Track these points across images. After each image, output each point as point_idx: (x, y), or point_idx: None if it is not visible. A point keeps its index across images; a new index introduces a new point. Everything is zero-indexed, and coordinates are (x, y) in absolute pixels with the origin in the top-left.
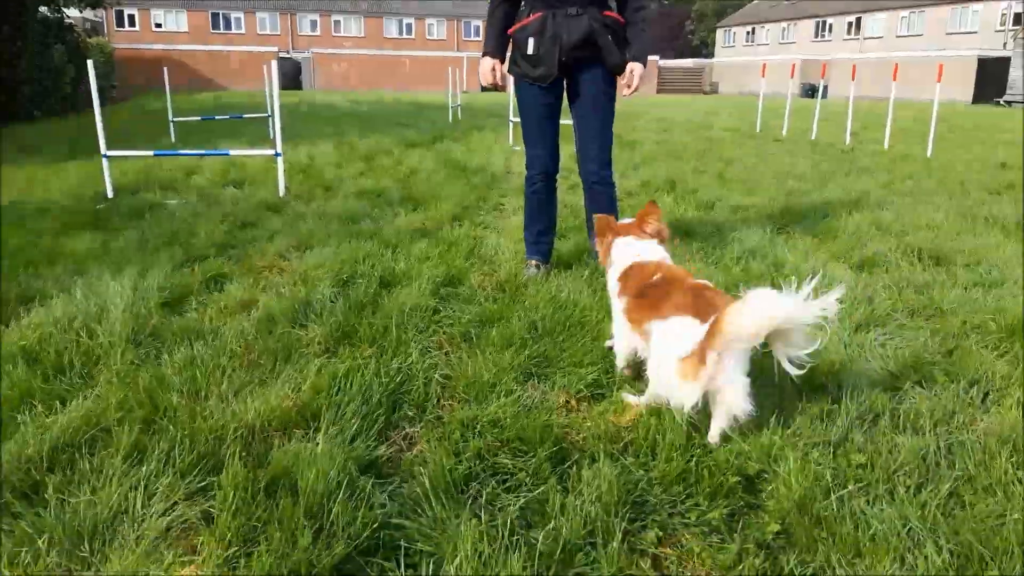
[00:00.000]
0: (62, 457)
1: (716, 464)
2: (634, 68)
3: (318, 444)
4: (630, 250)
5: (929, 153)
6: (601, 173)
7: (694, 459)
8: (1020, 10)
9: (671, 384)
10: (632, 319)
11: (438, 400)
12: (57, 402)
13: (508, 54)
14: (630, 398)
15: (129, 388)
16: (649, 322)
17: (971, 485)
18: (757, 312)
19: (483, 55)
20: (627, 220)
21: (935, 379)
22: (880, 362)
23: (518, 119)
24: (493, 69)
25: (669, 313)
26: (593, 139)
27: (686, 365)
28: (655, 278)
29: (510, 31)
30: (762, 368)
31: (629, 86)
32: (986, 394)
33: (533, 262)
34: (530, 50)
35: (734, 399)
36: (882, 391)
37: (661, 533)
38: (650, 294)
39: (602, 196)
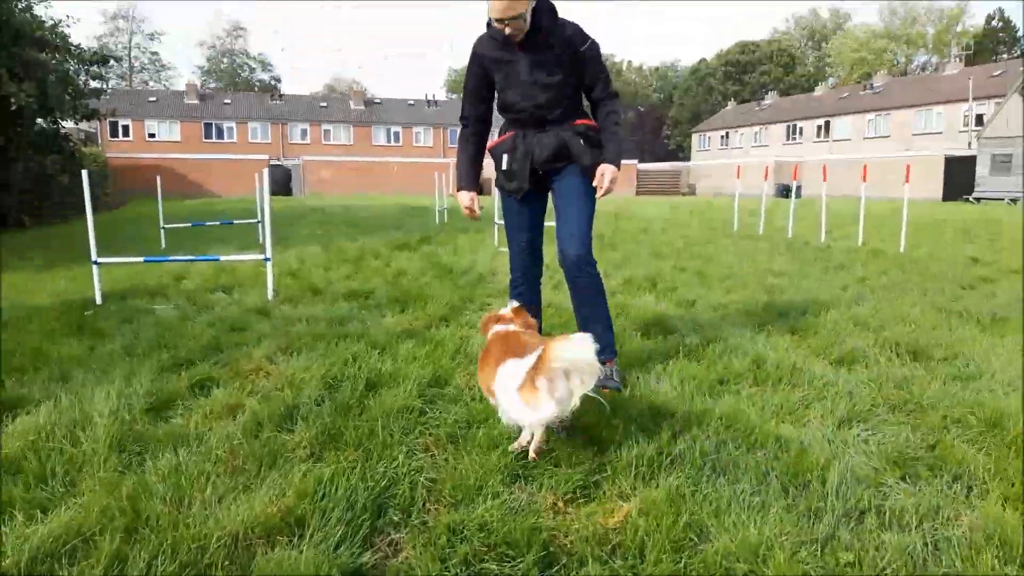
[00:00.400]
0: (41, 568)
1: (705, 566)
2: (604, 170)
3: (302, 552)
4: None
5: (902, 249)
6: (579, 259)
7: (683, 561)
8: (981, 111)
9: (521, 410)
10: (484, 378)
11: (424, 504)
12: (38, 511)
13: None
14: (513, 446)
15: (112, 496)
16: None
17: None
18: (568, 346)
19: (458, 190)
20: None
21: (919, 474)
22: (864, 458)
23: (503, 221)
24: (472, 200)
25: (501, 360)
26: (570, 230)
27: (525, 392)
28: (496, 337)
29: (489, 146)
30: (746, 467)
31: (600, 187)
32: (970, 488)
33: None
34: (504, 166)
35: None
36: (867, 487)
37: None
38: (492, 352)
39: (584, 286)
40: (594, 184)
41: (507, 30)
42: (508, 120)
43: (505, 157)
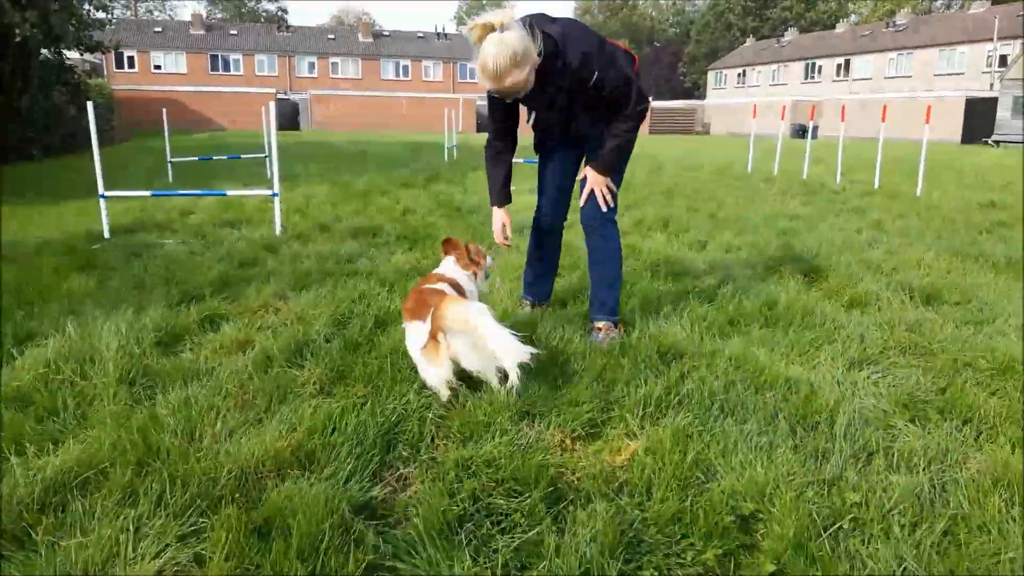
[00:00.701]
0: (54, 499)
1: (711, 504)
2: (586, 171)
3: (312, 485)
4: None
5: (919, 192)
6: (598, 217)
7: (689, 499)
8: (1005, 52)
9: (423, 369)
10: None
11: (433, 440)
12: (50, 444)
13: None
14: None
15: (122, 429)
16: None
17: (966, 524)
18: (454, 310)
19: (492, 205)
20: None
21: (928, 417)
22: (873, 400)
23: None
24: (505, 222)
25: (410, 320)
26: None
27: (427, 351)
28: (410, 296)
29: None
30: (754, 408)
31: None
32: (979, 432)
33: (527, 302)
34: (532, 121)
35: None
36: (876, 429)
37: (657, 574)
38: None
39: (595, 246)
40: (578, 178)
41: (507, 99)
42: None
43: (534, 114)
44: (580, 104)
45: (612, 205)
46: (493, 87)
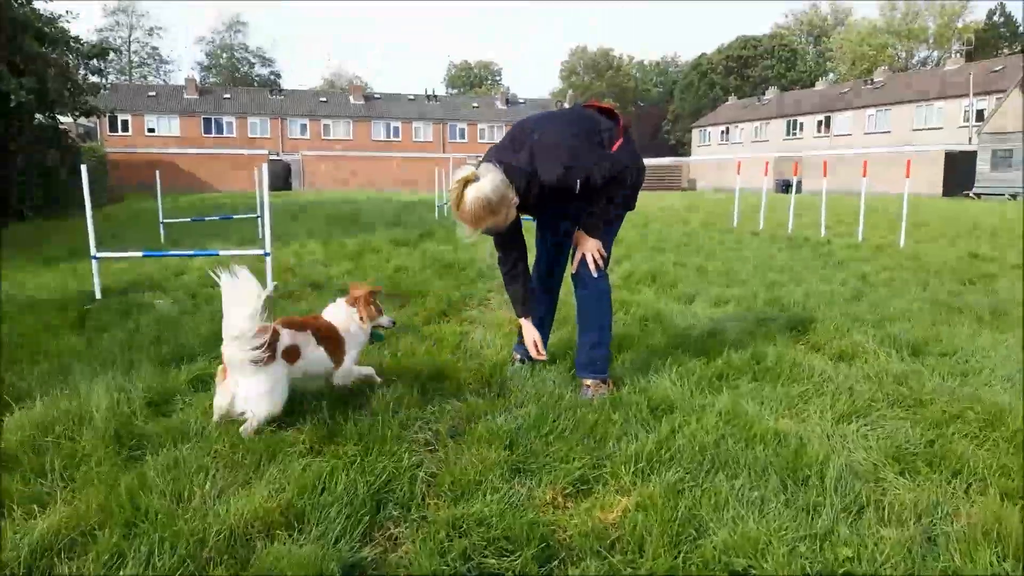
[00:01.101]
0: (41, 563)
1: (704, 560)
2: (577, 235)
3: (301, 546)
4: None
5: (902, 244)
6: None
7: (681, 555)
8: (982, 107)
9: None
10: None
11: (423, 498)
12: (36, 506)
13: None
14: None
15: (110, 491)
16: None
17: None
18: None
19: (519, 318)
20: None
21: (918, 470)
22: (863, 453)
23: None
24: (535, 342)
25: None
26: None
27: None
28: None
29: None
30: (745, 462)
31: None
32: (969, 484)
33: (517, 356)
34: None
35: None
36: (866, 483)
37: None
38: None
39: (583, 297)
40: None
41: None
42: None
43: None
44: (573, 206)
45: (603, 269)
46: (474, 231)
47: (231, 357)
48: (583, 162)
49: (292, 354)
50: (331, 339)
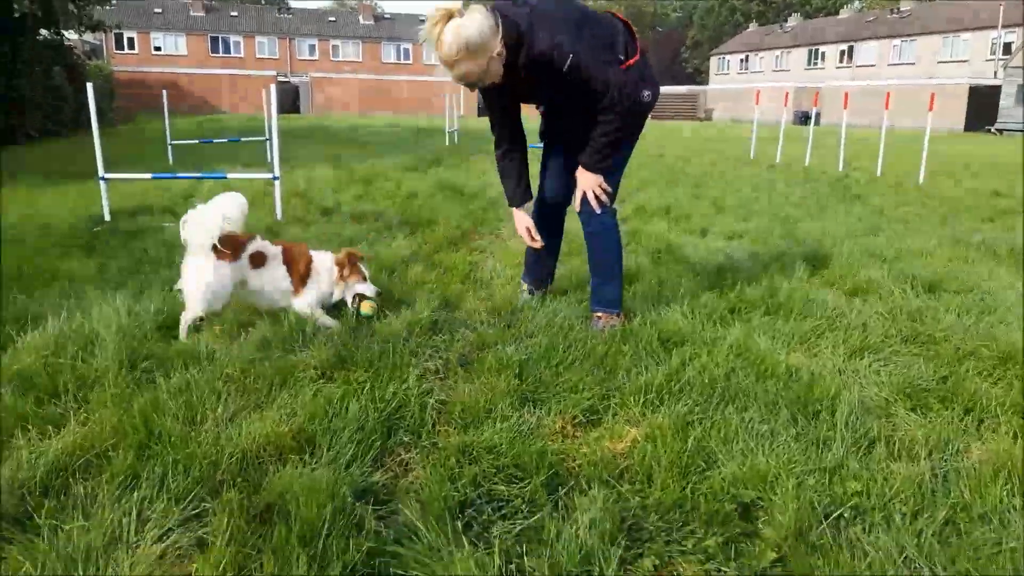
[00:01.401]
0: (56, 482)
1: (712, 491)
2: (578, 173)
3: (313, 470)
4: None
5: (921, 180)
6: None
7: (689, 486)
8: (1009, 40)
9: None
10: None
11: (434, 426)
12: (51, 427)
13: None
14: None
15: (124, 412)
16: None
17: (967, 513)
18: None
19: (511, 207)
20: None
21: (930, 406)
22: (875, 389)
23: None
24: (528, 229)
25: None
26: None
27: None
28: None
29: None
30: (755, 396)
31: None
32: (980, 421)
33: (525, 286)
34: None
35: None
36: (877, 418)
37: (657, 561)
38: None
39: (592, 234)
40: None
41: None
42: None
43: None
44: (579, 94)
45: (607, 205)
46: (448, 74)
47: (190, 237)
48: (575, 45)
49: (257, 260)
50: (298, 266)
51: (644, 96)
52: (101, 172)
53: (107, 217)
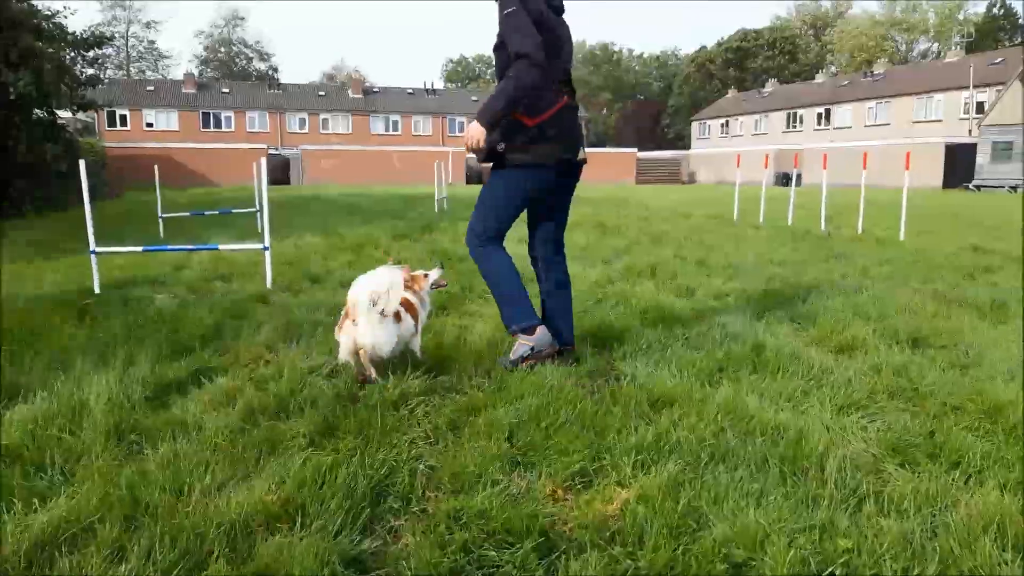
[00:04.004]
0: (41, 557)
1: (704, 552)
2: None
3: (302, 539)
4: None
5: (902, 237)
6: (468, 240)
7: (681, 547)
8: (982, 99)
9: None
10: None
11: (423, 491)
12: (36, 500)
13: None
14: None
15: (111, 484)
16: None
17: (957, 568)
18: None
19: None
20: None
21: (917, 461)
22: (863, 445)
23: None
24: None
25: None
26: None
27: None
28: None
29: (531, 122)
30: (744, 454)
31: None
32: (968, 475)
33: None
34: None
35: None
36: (866, 474)
37: None
38: None
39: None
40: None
41: None
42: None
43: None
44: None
45: (480, 229)
46: None
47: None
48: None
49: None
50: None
51: (543, 106)
52: (92, 246)
53: (97, 290)
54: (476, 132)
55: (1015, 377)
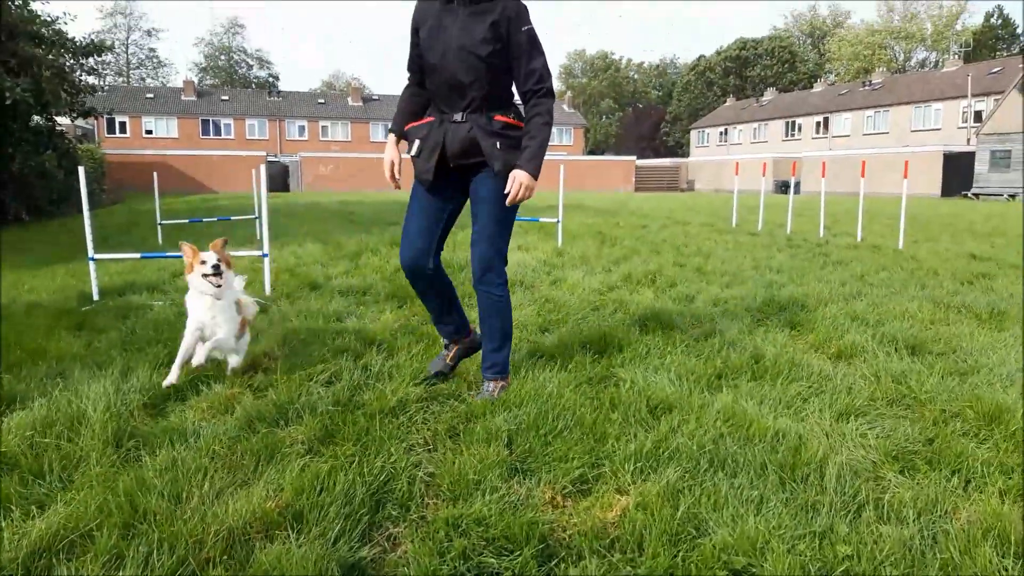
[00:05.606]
0: (38, 564)
1: (703, 559)
2: (515, 175)
3: (300, 546)
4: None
5: (900, 245)
6: (481, 276)
7: (681, 554)
8: (980, 108)
9: None
10: None
11: (422, 498)
12: (34, 507)
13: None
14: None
15: (109, 492)
16: None
17: (957, 575)
18: None
19: (389, 131)
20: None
21: (917, 468)
22: (862, 451)
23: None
24: (392, 164)
25: None
26: (476, 242)
27: None
28: None
29: (407, 127)
30: (744, 461)
31: (510, 194)
32: (968, 482)
33: (432, 372)
34: (414, 151)
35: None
36: (865, 481)
37: None
38: None
39: (484, 300)
40: (505, 191)
41: None
42: (431, 96)
43: (417, 142)
44: (491, 51)
45: (495, 271)
46: None
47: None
48: (532, 33)
49: None
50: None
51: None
52: (91, 253)
53: (96, 296)
54: (532, 184)
55: (1014, 383)
